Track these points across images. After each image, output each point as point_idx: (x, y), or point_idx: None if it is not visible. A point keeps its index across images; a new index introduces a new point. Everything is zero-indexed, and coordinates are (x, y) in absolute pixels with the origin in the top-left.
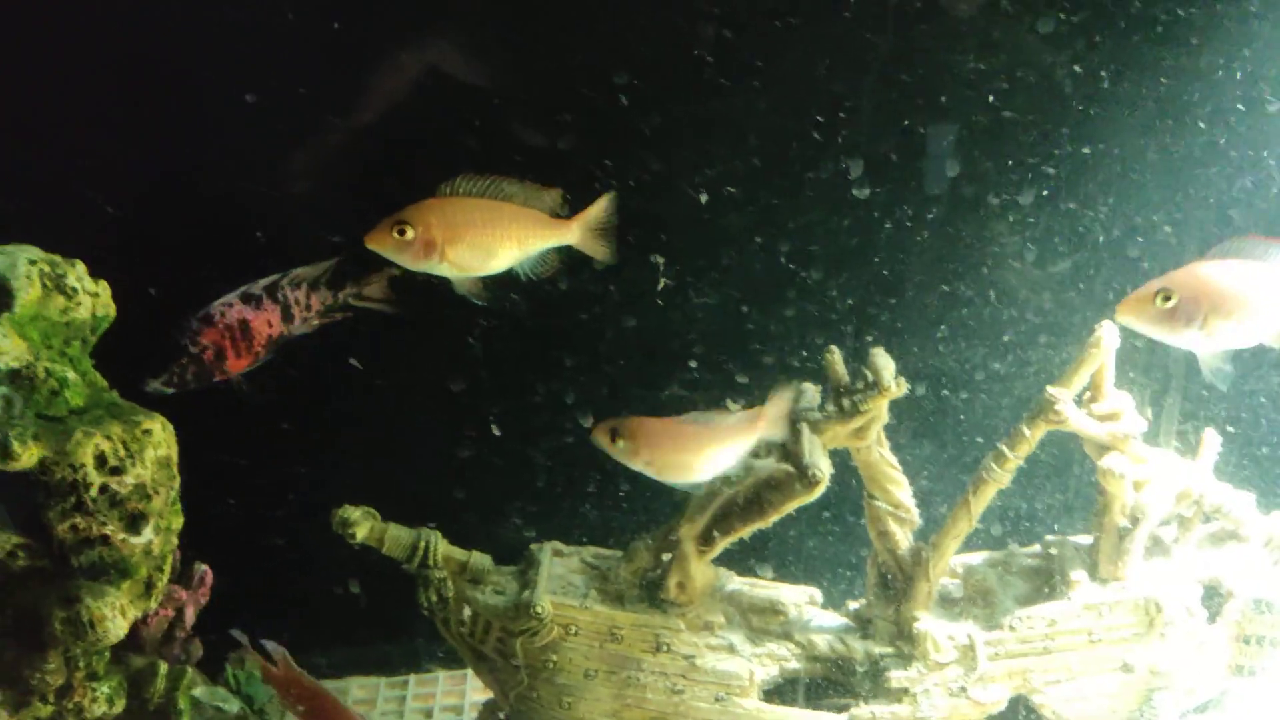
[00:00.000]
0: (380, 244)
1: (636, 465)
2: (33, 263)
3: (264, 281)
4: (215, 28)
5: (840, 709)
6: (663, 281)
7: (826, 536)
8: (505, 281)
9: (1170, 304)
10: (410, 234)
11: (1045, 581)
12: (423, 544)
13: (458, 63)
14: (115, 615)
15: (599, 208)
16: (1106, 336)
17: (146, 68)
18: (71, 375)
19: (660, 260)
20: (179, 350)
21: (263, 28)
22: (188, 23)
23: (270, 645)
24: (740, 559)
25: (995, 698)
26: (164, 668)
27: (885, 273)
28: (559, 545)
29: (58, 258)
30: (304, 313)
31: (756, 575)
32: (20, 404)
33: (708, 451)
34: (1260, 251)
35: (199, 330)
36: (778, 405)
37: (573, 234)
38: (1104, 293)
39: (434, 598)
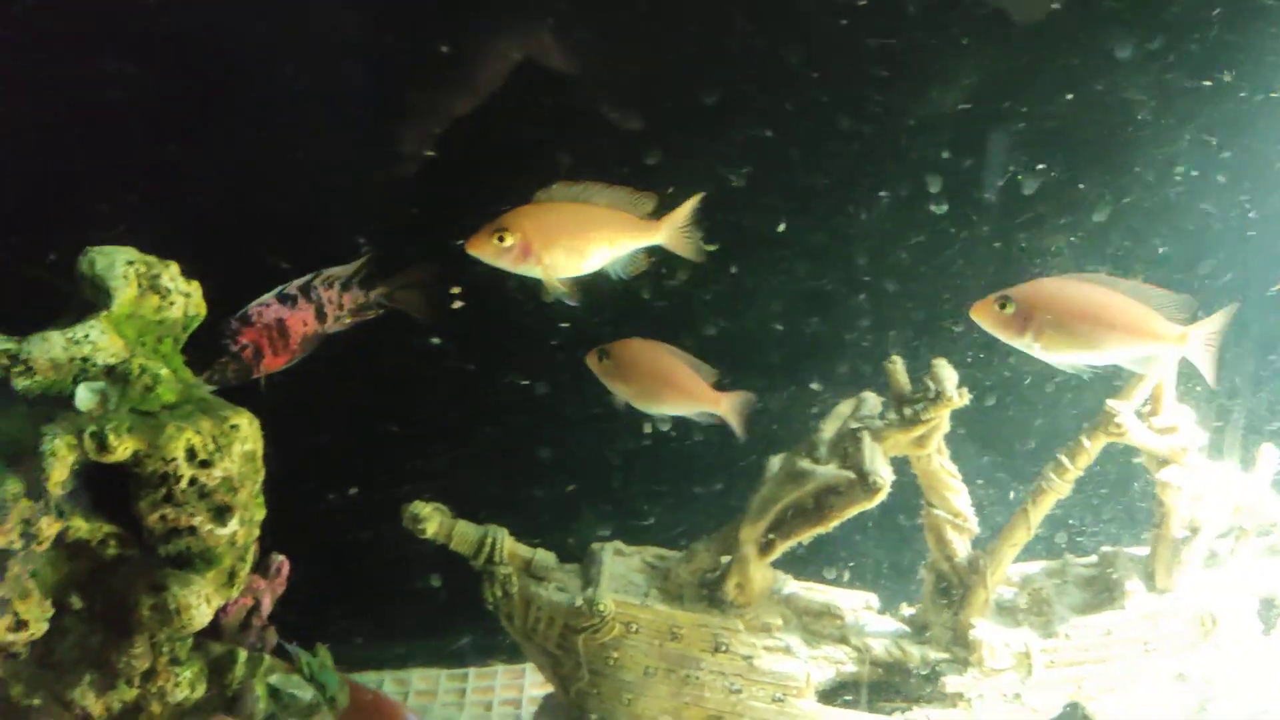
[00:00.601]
0: (481, 250)
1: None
2: (130, 263)
3: (298, 281)
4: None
5: (896, 713)
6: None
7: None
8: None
9: (1007, 311)
10: (510, 240)
11: (1101, 591)
12: (489, 540)
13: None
14: (200, 603)
15: (686, 208)
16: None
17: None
18: (164, 372)
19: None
20: (220, 349)
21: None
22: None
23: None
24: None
25: (1049, 705)
26: (243, 655)
27: (951, 283)
28: (620, 545)
29: (153, 259)
30: (337, 311)
31: (824, 578)
32: (116, 399)
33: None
34: (1109, 282)
35: (238, 330)
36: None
37: (661, 234)
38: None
39: (499, 593)
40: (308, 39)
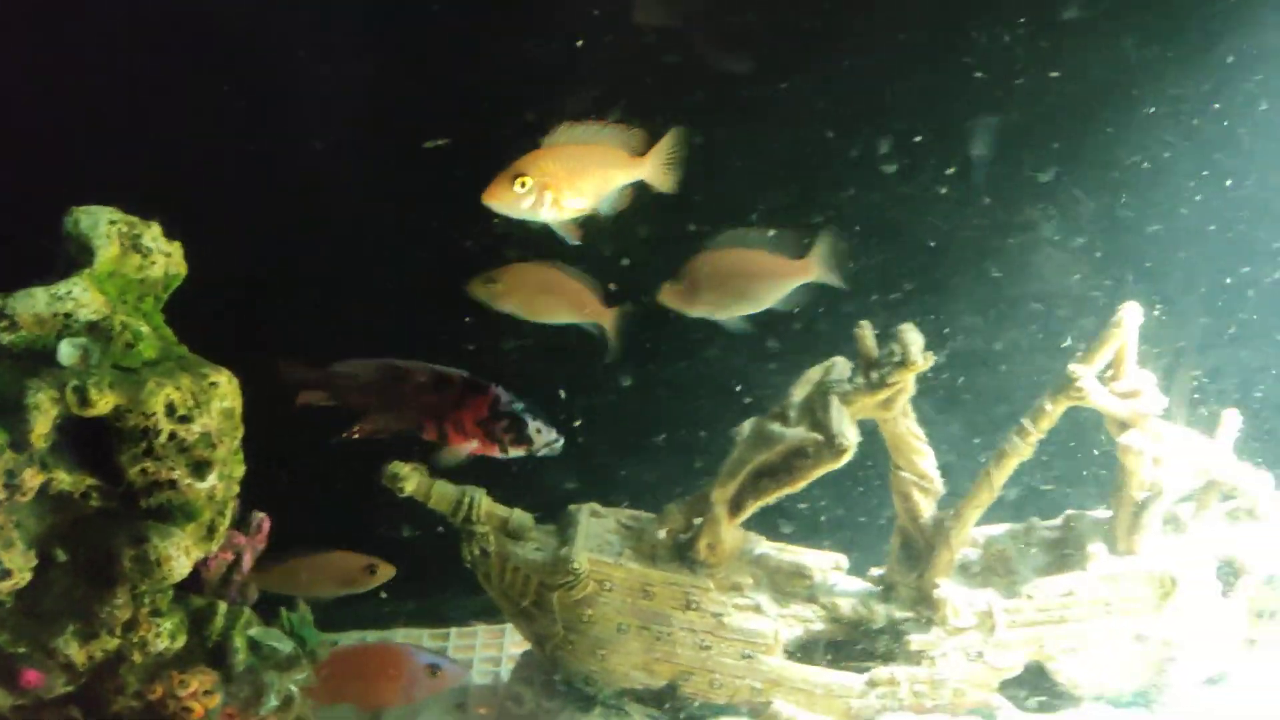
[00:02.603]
0: (500, 198)
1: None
2: (112, 223)
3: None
4: None
5: (861, 670)
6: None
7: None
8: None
9: (680, 287)
10: (529, 184)
11: (1064, 553)
12: (467, 499)
13: None
14: (180, 555)
15: (667, 142)
16: (1128, 316)
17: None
18: (145, 329)
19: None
20: None
21: None
22: None
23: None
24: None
25: (1011, 663)
26: (223, 607)
27: (921, 252)
28: (596, 506)
29: (135, 219)
30: None
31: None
32: (98, 354)
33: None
34: (742, 239)
35: None
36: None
37: (646, 169)
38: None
39: (476, 552)
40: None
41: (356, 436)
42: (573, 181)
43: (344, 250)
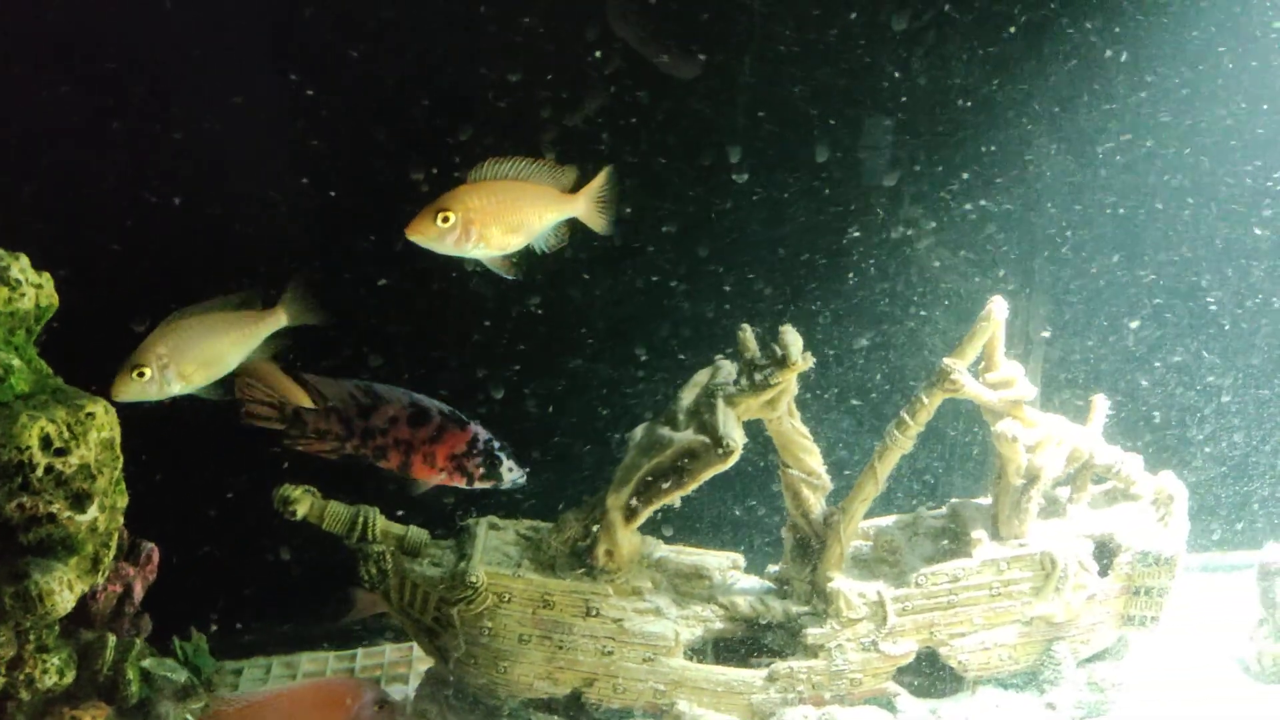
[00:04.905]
0: (423, 233)
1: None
2: None
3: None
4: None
5: (761, 666)
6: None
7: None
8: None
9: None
10: (452, 219)
11: (951, 541)
12: (361, 519)
13: None
14: (63, 589)
15: (599, 180)
16: (997, 310)
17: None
18: (16, 362)
19: None
20: None
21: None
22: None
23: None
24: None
25: (904, 650)
26: (112, 640)
27: (806, 259)
28: (494, 519)
29: (2, 251)
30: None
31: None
32: None
33: None
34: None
35: None
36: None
37: (579, 206)
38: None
39: (374, 571)
40: None
41: (300, 448)
42: (500, 217)
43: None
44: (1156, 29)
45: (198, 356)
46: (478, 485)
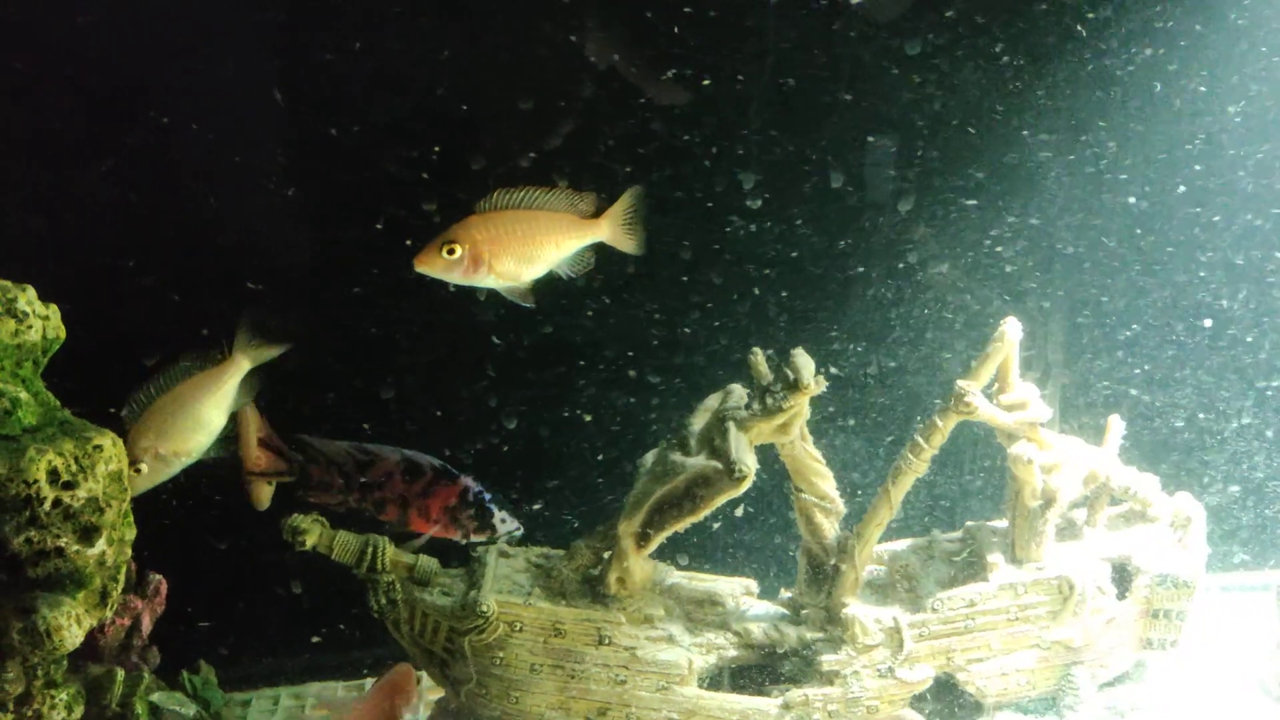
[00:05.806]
0: (430, 265)
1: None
2: None
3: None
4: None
5: (777, 694)
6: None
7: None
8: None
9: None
10: (459, 252)
11: (967, 565)
12: (370, 549)
13: None
14: (71, 624)
15: (624, 203)
16: (1010, 332)
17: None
18: (24, 395)
19: None
20: None
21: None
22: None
23: None
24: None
25: (921, 677)
26: (120, 674)
27: (819, 277)
28: (504, 547)
29: (8, 283)
30: None
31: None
32: None
33: None
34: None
35: None
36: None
37: (603, 230)
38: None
39: (383, 600)
40: None
41: (311, 500)
42: (511, 248)
43: None
44: (1180, 45)
45: (184, 429)
46: (473, 538)
